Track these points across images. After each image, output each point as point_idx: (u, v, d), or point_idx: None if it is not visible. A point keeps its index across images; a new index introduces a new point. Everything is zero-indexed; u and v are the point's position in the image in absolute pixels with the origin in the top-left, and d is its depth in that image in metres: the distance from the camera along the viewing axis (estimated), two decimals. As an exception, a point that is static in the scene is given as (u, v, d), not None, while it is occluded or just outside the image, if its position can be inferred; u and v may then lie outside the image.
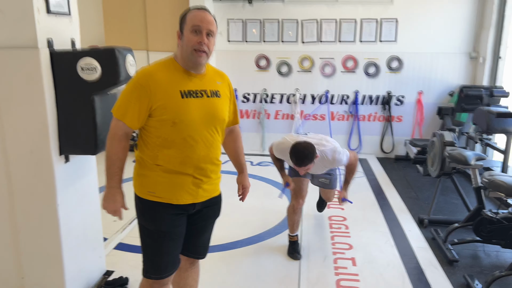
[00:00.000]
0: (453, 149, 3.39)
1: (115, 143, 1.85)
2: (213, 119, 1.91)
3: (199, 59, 1.81)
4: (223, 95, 1.97)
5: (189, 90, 1.84)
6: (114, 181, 1.87)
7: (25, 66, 2.13)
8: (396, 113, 6.04)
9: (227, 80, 2.05)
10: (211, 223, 2.13)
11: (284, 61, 6.06)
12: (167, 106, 1.79)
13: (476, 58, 5.67)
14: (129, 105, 1.80)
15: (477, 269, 3.11)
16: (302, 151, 2.79)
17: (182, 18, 1.85)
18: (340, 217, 3.98)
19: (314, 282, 2.89)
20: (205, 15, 1.82)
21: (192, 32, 1.79)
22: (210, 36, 1.83)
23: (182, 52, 1.83)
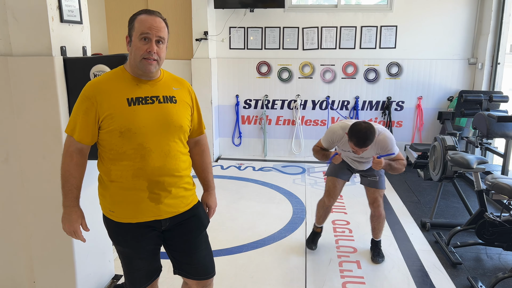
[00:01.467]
0: (455, 153, 3.45)
1: (66, 160, 1.76)
2: (167, 125, 1.77)
3: (149, 67, 1.71)
4: (181, 101, 1.84)
5: (137, 97, 1.73)
6: (69, 199, 1.77)
7: (40, 73, 2.18)
8: (396, 118, 6.11)
9: (187, 86, 1.93)
10: (197, 238, 1.94)
11: (285, 68, 6.13)
12: (113, 116, 1.69)
13: (474, 63, 5.76)
14: (77, 119, 1.71)
15: (481, 271, 3.15)
16: (364, 132, 2.66)
17: (130, 20, 1.74)
18: (343, 221, 4.02)
19: (321, 285, 2.93)
20: (154, 21, 1.71)
21: (141, 39, 1.69)
22: (161, 43, 1.74)
23: (131, 59, 1.74)
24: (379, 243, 3.33)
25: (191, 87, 1.96)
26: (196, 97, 1.97)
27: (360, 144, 2.69)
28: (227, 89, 6.26)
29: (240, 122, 6.36)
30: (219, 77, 6.20)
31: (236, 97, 6.26)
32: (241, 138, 6.41)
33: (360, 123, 2.73)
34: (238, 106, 6.27)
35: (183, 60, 5.95)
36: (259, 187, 4.99)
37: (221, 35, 6.03)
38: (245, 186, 5.02)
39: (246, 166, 5.91)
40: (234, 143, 6.43)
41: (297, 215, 4.15)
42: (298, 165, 5.95)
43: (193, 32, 5.77)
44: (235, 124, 6.35)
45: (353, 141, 2.71)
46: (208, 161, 2.08)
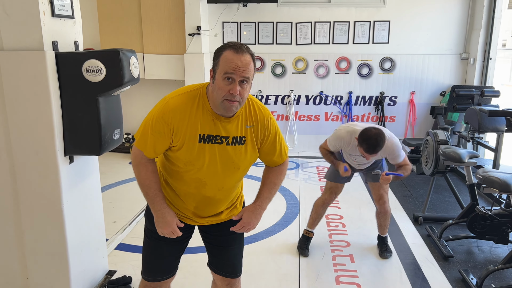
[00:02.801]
0: (447, 148, 3.48)
1: (142, 170, 1.78)
2: (228, 166, 1.79)
3: (230, 109, 1.65)
4: (250, 140, 1.79)
5: (209, 135, 1.71)
6: (157, 204, 1.79)
7: (31, 68, 2.16)
8: (389, 113, 6.13)
9: (262, 122, 1.80)
10: (231, 235, 1.97)
11: (279, 63, 6.13)
12: (183, 148, 1.72)
13: (467, 58, 5.80)
14: (149, 137, 1.71)
15: (472, 264, 3.19)
16: (374, 139, 2.67)
17: (216, 55, 1.66)
18: (336, 216, 4.05)
19: (314, 279, 2.95)
20: (240, 60, 1.60)
21: (224, 79, 1.60)
22: (245, 82, 1.63)
23: (213, 95, 1.66)
24: (385, 238, 3.34)
25: (267, 120, 1.82)
26: (273, 130, 1.85)
27: (370, 150, 2.71)
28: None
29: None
30: (213, 72, 6.18)
31: (230, 92, 6.25)
32: (234, 133, 6.40)
33: (370, 129, 2.73)
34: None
35: (176, 55, 5.92)
36: (253, 182, 4.97)
37: (214, 30, 6.01)
38: (239, 181, 5.01)
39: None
40: (228, 139, 6.43)
41: (291, 210, 4.17)
42: (292, 160, 5.97)
43: (186, 27, 5.74)
44: (228, 120, 6.34)
45: (364, 147, 2.73)
46: (272, 180, 1.95)
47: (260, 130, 1.80)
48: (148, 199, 1.80)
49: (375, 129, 2.72)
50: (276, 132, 1.87)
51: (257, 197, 1.94)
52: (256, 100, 1.83)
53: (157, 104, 1.76)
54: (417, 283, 2.90)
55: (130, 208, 4.00)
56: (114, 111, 2.45)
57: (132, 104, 6.49)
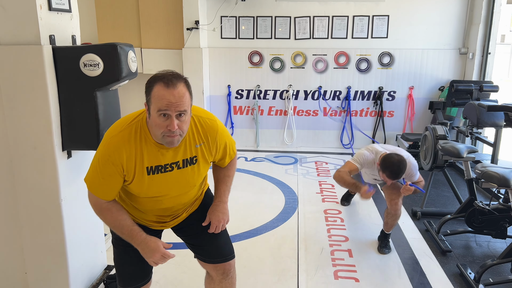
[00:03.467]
0: (446, 142, 3.48)
1: (107, 215, 1.74)
2: (183, 187, 1.80)
3: (172, 142, 1.60)
4: (202, 158, 1.78)
5: (156, 166, 1.68)
6: (136, 237, 1.73)
7: (28, 62, 2.14)
8: (387, 108, 6.13)
9: (212, 137, 1.78)
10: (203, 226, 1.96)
11: (277, 57, 6.11)
12: (133, 181, 1.69)
13: (465, 53, 5.79)
14: (101, 182, 1.68)
15: (470, 258, 3.20)
16: (397, 166, 2.82)
17: (147, 90, 1.58)
18: (335, 211, 4.05)
19: (313, 273, 2.95)
20: (172, 95, 1.51)
21: (160, 116, 1.54)
22: (183, 115, 1.57)
23: (152, 130, 1.62)
24: (388, 235, 3.34)
25: (217, 130, 1.79)
26: (223, 139, 1.83)
27: (393, 177, 2.87)
28: (219, 79, 6.23)
29: (232, 112, 6.34)
30: (211, 67, 6.16)
31: (228, 87, 6.23)
32: (233, 128, 6.39)
33: (393, 156, 2.88)
34: (230, 97, 6.25)
35: (174, 50, 5.90)
36: (251, 178, 5.00)
37: (212, 24, 5.98)
38: (237, 177, 4.98)
39: (238, 156, 5.91)
40: (226, 134, 6.41)
41: (289, 205, 4.17)
42: (290, 155, 5.97)
43: (184, 21, 5.71)
44: (227, 115, 6.33)
45: (387, 174, 2.87)
46: (226, 173, 1.97)
47: (211, 145, 1.78)
48: (125, 237, 1.74)
49: (397, 156, 2.87)
50: (225, 139, 1.85)
51: (215, 195, 1.95)
52: (200, 113, 1.77)
53: (100, 146, 1.68)
54: (415, 278, 2.91)
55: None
56: (112, 105, 2.44)
57: (130, 99, 6.45)
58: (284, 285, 2.80)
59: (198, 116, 1.76)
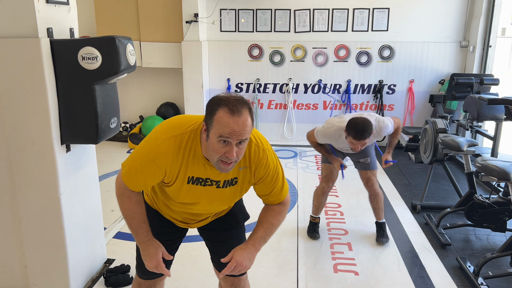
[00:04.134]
0: (446, 136, 3.47)
1: (125, 201, 1.71)
2: (217, 204, 1.77)
3: (226, 170, 1.55)
4: (242, 181, 1.71)
5: (198, 178, 1.65)
6: (141, 235, 1.70)
7: (26, 55, 2.13)
8: (387, 101, 6.11)
9: (257, 165, 1.68)
10: (227, 231, 1.95)
11: (277, 51, 6.08)
12: (171, 186, 1.68)
13: (466, 46, 5.76)
14: (139, 176, 1.65)
15: (469, 252, 3.20)
16: (362, 125, 2.78)
17: (209, 112, 1.49)
18: (335, 204, 4.05)
19: (312, 267, 2.96)
20: (237, 124, 1.44)
21: (219, 141, 1.47)
22: (243, 142, 1.50)
23: (207, 152, 1.55)
24: (383, 224, 3.36)
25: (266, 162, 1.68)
26: (271, 173, 1.71)
27: (358, 137, 2.78)
28: (218, 73, 6.20)
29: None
30: (210, 60, 6.13)
31: (228, 80, 6.21)
32: (233, 122, 6.37)
33: (357, 118, 2.84)
34: (229, 90, 6.22)
35: (173, 43, 5.86)
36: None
37: (211, 17, 5.94)
38: (237, 170, 5.01)
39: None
40: (226, 127, 6.39)
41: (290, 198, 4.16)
42: (290, 149, 5.96)
43: (183, 14, 5.68)
44: (226, 108, 6.30)
45: (352, 134, 2.80)
46: (269, 219, 1.79)
47: (255, 173, 1.69)
48: (132, 230, 1.73)
49: (361, 118, 2.84)
50: (274, 175, 1.73)
51: (250, 236, 1.76)
52: (254, 137, 1.67)
53: (149, 142, 1.64)
54: (415, 271, 2.91)
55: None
56: (110, 99, 2.42)
57: (129, 93, 6.46)
58: (284, 278, 2.81)
59: (250, 140, 1.65)
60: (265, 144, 1.71)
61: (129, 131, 6.29)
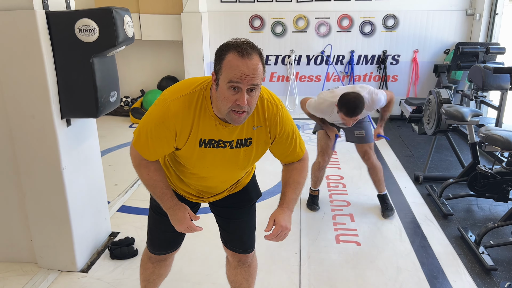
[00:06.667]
0: (450, 106, 3.43)
1: (143, 171, 1.68)
2: (232, 166, 1.70)
3: (238, 120, 1.47)
4: (257, 141, 1.65)
5: (210, 140, 1.58)
6: (167, 201, 1.70)
7: (22, 28, 2.09)
8: (391, 72, 6.03)
9: (271, 122, 1.62)
10: (239, 208, 1.93)
11: (279, 21, 5.96)
12: (182, 151, 1.62)
13: (472, 14, 5.62)
14: (150, 142, 1.59)
15: (471, 221, 3.22)
16: (353, 101, 2.76)
17: (218, 57, 1.44)
18: (337, 176, 4.06)
19: (314, 237, 2.99)
20: (247, 66, 1.38)
21: (230, 88, 1.40)
22: (254, 90, 1.43)
23: (218, 103, 1.48)
24: (385, 196, 3.36)
25: (280, 119, 1.62)
26: (286, 130, 1.66)
27: (350, 113, 2.80)
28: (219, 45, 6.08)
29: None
30: (211, 32, 6.03)
31: (229, 53, 6.11)
32: (234, 95, 6.32)
33: (349, 94, 2.82)
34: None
35: (173, 15, 5.76)
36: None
37: (211, -12, 5.81)
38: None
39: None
40: (228, 101, 6.35)
41: (292, 171, 4.17)
42: (293, 122, 5.92)
43: (182, -15, 5.55)
44: (228, 81, 6.24)
45: (343, 111, 2.81)
46: (295, 179, 1.77)
47: (270, 130, 1.64)
48: (156, 198, 1.72)
49: (353, 93, 2.82)
50: (289, 131, 1.68)
51: (282, 199, 1.74)
52: (266, 94, 1.62)
53: (158, 105, 1.58)
54: (417, 241, 2.94)
55: (131, 171, 3.94)
56: (109, 72, 2.39)
57: (130, 67, 6.39)
58: (287, 249, 2.84)
59: (262, 97, 1.59)
60: (278, 101, 1.65)
61: (131, 105, 6.26)
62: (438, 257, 2.75)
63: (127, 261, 2.68)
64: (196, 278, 2.55)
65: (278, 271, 2.61)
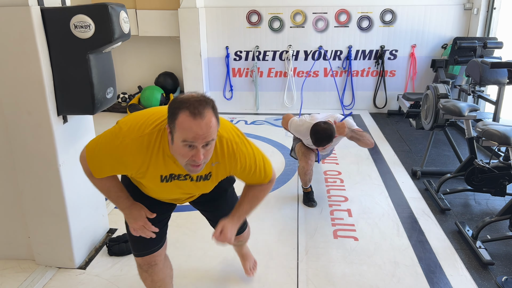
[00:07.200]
0: (447, 101, 3.43)
1: (96, 181, 1.73)
2: (194, 192, 1.80)
3: (195, 171, 1.50)
4: (217, 174, 1.68)
5: (171, 174, 1.61)
6: (122, 203, 1.76)
7: (16, 25, 2.07)
8: (389, 67, 6.02)
9: (232, 159, 1.63)
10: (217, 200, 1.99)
11: (276, 17, 5.94)
12: (143, 185, 1.70)
13: (470, 9, 5.61)
14: (101, 166, 1.64)
15: (468, 216, 3.23)
16: (321, 133, 2.90)
17: (171, 115, 1.42)
18: (335, 171, 4.06)
19: (312, 233, 2.99)
20: (200, 126, 1.37)
21: (185, 146, 1.41)
22: (209, 144, 1.44)
23: (174, 154, 1.50)
24: None
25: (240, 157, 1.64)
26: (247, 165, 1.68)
27: (317, 143, 2.95)
28: (216, 41, 6.09)
29: (231, 75, 6.24)
30: (208, 28, 6.01)
31: (226, 48, 6.10)
32: (232, 91, 6.32)
33: (320, 125, 2.93)
34: (228, 58, 6.13)
35: (170, 11, 5.73)
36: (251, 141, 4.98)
37: (208, -17, 5.78)
38: (238, 139, 5.00)
39: (238, 120, 5.88)
40: (226, 97, 6.35)
41: (289, 166, 4.18)
42: (291, 117, 5.92)
43: (179, -20, 5.53)
44: (225, 77, 6.24)
45: (313, 140, 2.96)
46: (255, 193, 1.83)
47: (230, 167, 1.66)
48: (112, 201, 1.78)
49: (324, 124, 2.93)
50: (251, 165, 1.69)
51: (235, 209, 1.81)
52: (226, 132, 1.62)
53: (113, 138, 1.57)
54: (414, 236, 2.94)
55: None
56: (106, 69, 2.38)
57: (127, 63, 6.37)
58: (285, 244, 2.85)
59: (221, 135, 1.59)
60: (237, 136, 1.66)
61: (128, 101, 6.25)
62: (435, 251, 2.76)
63: (125, 257, 2.69)
64: (194, 274, 2.55)
65: (276, 266, 2.61)
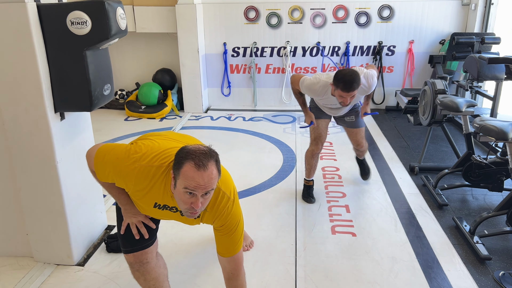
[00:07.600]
0: (445, 97, 3.43)
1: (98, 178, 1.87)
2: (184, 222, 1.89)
3: (193, 216, 1.65)
4: (203, 218, 1.82)
5: (165, 205, 1.76)
6: (122, 200, 1.88)
7: (12, 21, 2.06)
8: (387, 63, 6.02)
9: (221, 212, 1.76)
10: None
11: (274, 13, 5.92)
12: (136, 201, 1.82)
13: (468, 4, 5.60)
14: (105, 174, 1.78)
15: (466, 211, 3.24)
16: (349, 75, 2.71)
17: (177, 164, 1.55)
18: (333, 168, 4.07)
19: (310, 229, 3.00)
20: (203, 177, 1.51)
21: (186, 193, 1.54)
22: (208, 193, 1.58)
23: (175, 196, 1.63)
24: (364, 160, 3.66)
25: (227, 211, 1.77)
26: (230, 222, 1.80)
27: (347, 88, 2.71)
28: (214, 37, 6.07)
29: (228, 71, 6.23)
30: (205, 24, 5.98)
31: (224, 45, 6.09)
32: (230, 88, 6.31)
33: (345, 70, 2.81)
34: (226, 55, 6.12)
35: (167, 7, 5.71)
36: (249, 137, 4.99)
37: (206, -21, 5.76)
38: (236, 137, 5.01)
39: (236, 116, 5.87)
40: (224, 93, 6.34)
41: (288, 163, 4.18)
42: (289, 114, 5.93)
43: (176, -24, 5.50)
44: (223, 74, 6.23)
45: (340, 87, 2.72)
46: None
47: (215, 218, 1.79)
48: (112, 195, 1.90)
49: (349, 69, 2.81)
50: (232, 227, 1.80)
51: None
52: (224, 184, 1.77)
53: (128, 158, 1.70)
54: (412, 231, 2.95)
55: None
56: (103, 65, 2.37)
57: (124, 60, 6.35)
58: (283, 240, 2.85)
59: (218, 187, 1.73)
60: (232, 193, 1.80)
61: (126, 98, 6.23)
62: (433, 247, 2.77)
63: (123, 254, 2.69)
64: (192, 270, 2.56)
65: (274, 262, 2.62)
